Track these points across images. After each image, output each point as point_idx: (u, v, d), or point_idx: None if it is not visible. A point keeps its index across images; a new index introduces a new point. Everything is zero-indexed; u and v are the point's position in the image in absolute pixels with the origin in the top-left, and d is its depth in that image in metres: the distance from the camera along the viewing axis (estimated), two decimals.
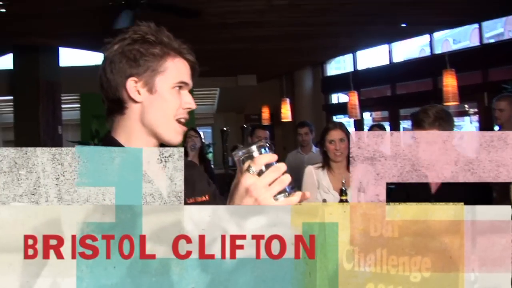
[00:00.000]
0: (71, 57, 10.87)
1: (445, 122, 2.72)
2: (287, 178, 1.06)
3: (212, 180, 4.86)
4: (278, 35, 7.65)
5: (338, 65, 11.82)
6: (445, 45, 10.18)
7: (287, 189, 1.07)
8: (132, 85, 1.32)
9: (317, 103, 11.17)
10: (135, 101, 1.33)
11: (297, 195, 1.08)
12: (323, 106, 11.19)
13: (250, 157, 1.07)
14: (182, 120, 1.38)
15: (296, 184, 3.73)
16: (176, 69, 1.35)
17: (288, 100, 9.38)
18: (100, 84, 1.37)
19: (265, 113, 11.40)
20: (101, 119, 12.18)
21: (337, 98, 11.57)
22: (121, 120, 1.37)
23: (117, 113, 1.37)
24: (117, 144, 1.36)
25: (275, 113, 11.02)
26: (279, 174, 1.05)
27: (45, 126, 8.81)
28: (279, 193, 1.06)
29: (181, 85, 1.36)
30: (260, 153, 1.07)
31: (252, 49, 8.66)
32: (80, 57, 11.16)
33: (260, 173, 1.05)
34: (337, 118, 10.55)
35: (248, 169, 1.04)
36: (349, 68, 11.01)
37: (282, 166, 1.06)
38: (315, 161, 4.12)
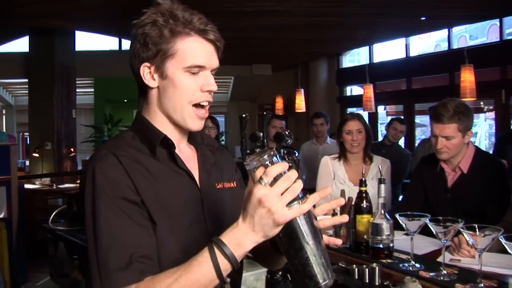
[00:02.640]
0: (86, 41, 10.91)
1: (464, 116, 2.70)
2: (299, 186, 1.06)
3: None
4: (296, 24, 7.58)
5: (352, 58, 11.75)
6: (461, 41, 10.09)
7: (300, 195, 1.06)
8: (146, 71, 1.30)
9: (331, 94, 11.11)
10: (150, 87, 1.33)
11: (309, 202, 1.07)
12: (338, 98, 11.13)
13: (262, 166, 1.06)
14: (204, 104, 1.34)
15: (311, 174, 3.73)
16: (187, 51, 1.29)
17: (302, 91, 9.32)
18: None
19: (279, 103, 11.35)
20: (114, 104, 12.31)
21: (350, 90, 11.49)
22: (146, 104, 1.37)
23: (142, 97, 1.38)
24: (146, 123, 1.36)
25: (289, 104, 10.99)
26: (291, 183, 1.04)
27: (59, 109, 8.85)
28: (292, 201, 1.05)
29: (196, 69, 1.30)
30: (272, 162, 1.06)
31: (268, 38, 8.61)
32: (95, 42, 11.19)
33: (272, 183, 1.04)
34: (351, 111, 10.50)
35: (260, 181, 1.04)
36: (363, 61, 10.93)
37: (293, 174, 1.05)
38: (329, 152, 4.11)
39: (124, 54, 11.75)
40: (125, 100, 11.70)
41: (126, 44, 11.08)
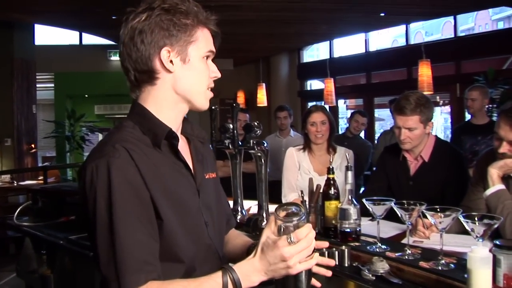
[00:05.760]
0: (45, 35, 10.71)
1: (425, 108, 2.83)
2: (313, 244, 1.27)
3: None
4: (257, 19, 7.65)
5: (312, 53, 11.88)
6: (417, 36, 10.37)
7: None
8: (166, 55, 1.33)
9: (292, 89, 11.23)
10: (168, 71, 1.35)
11: (315, 258, 1.29)
12: (299, 92, 11.25)
13: (292, 226, 1.26)
14: (210, 88, 1.43)
15: (275, 167, 3.80)
16: (205, 39, 1.39)
17: (264, 85, 9.37)
18: (126, 55, 1.35)
19: (241, 97, 11.37)
20: (74, 99, 12.11)
21: (310, 85, 11.62)
22: (152, 90, 1.38)
23: (147, 84, 1.37)
24: (148, 114, 1.37)
25: (250, 98, 11.03)
26: (310, 244, 1.25)
27: (19, 105, 8.67)
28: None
29: (210, 54, 1.41)
30: (300, 220, 1.26)
31: (230, 33, 8.61)
32: (55, 36, 10.99)
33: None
34: (313, 104, 10.61)
35: (288, 239, 1.22)
36: (323, 56, 11.07)
37: (313, 235, 1.26)
38: (293, 144, 4.19)
39: (85, 48, 11.50)
40: (86, 95, 11.54)
41: (87, 39, 10.92)
